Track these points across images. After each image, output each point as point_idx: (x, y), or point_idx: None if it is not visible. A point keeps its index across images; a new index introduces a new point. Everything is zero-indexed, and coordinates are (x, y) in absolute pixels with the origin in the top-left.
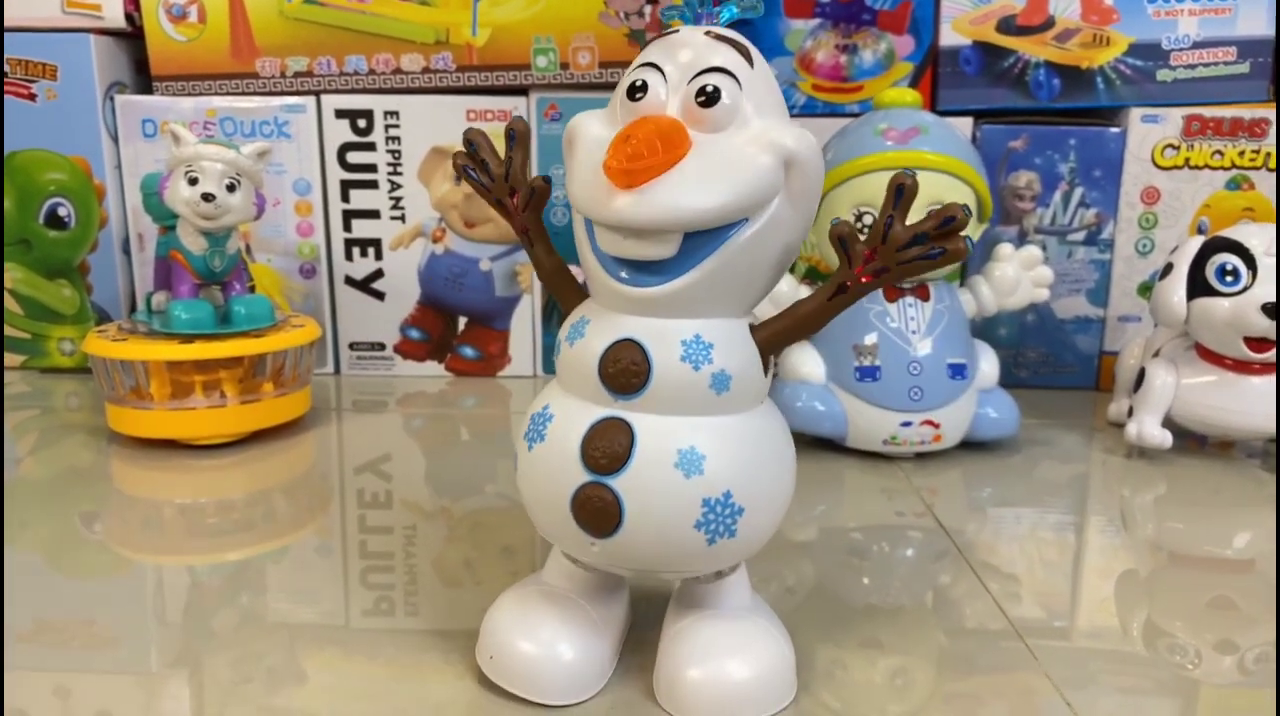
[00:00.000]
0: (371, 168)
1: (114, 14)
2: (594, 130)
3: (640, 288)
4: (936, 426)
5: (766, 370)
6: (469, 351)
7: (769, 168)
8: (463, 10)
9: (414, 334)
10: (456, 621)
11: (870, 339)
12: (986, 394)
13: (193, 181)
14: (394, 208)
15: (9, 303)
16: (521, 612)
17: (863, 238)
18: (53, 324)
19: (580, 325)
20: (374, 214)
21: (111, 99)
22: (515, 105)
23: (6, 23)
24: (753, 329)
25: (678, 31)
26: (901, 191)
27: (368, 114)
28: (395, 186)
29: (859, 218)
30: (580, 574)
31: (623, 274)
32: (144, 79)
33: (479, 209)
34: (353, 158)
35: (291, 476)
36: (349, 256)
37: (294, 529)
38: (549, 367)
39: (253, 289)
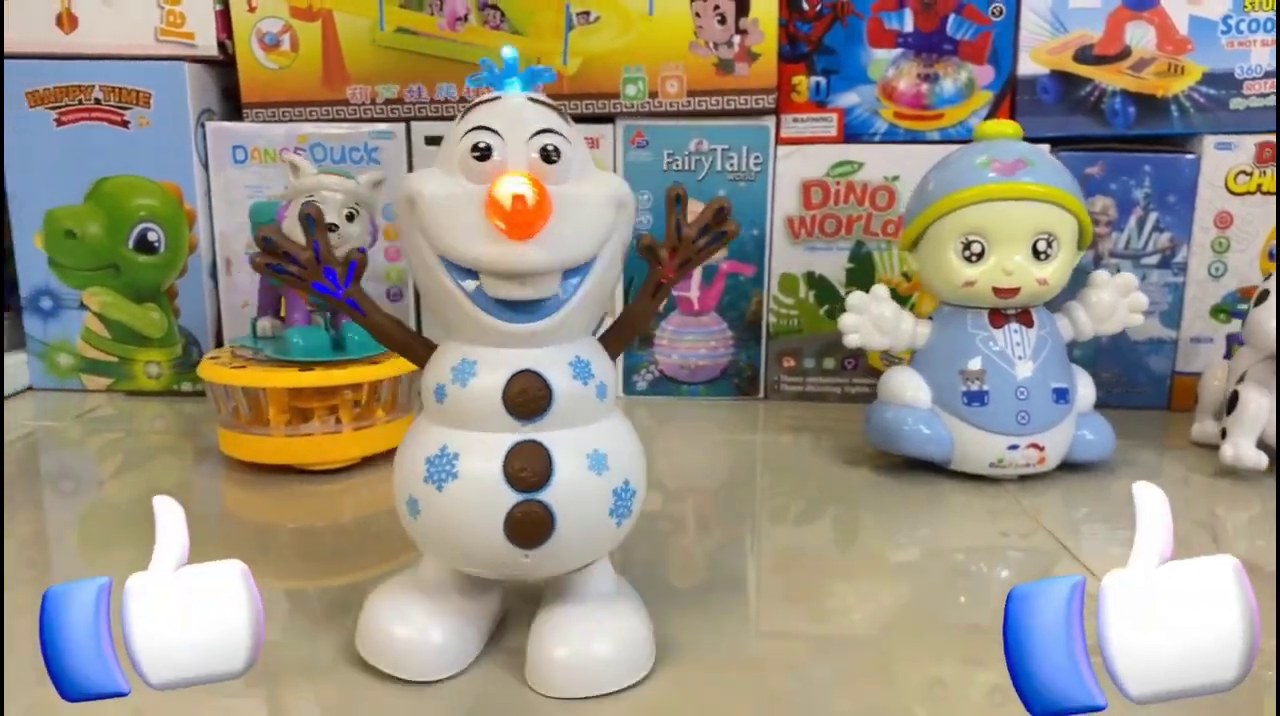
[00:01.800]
0: None
1: (207, 42)
2: (439, 188)
3: (527, 324)
4: (1041, 449)
5: None
6: None
7: (611, 209)
8: (555, 39)
9: None
10: None
11: (976, 364)
12: (1084, 417)
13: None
14: None
15: (96, 326)
16: (395, 601)
17: (966, 261)
18: (139, 347)
19: (467, 366)
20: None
21: (202, 125)
22: (601, 132)
23: (100, 50)
24: (602, 341)
25: (499, 98)
26: (679, 200)
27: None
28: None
29: (967, 246)
30: (450, 572)
31: (503, 313)
32: (230, 105)
33: None
34: None
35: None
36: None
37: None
38: (629, 388)
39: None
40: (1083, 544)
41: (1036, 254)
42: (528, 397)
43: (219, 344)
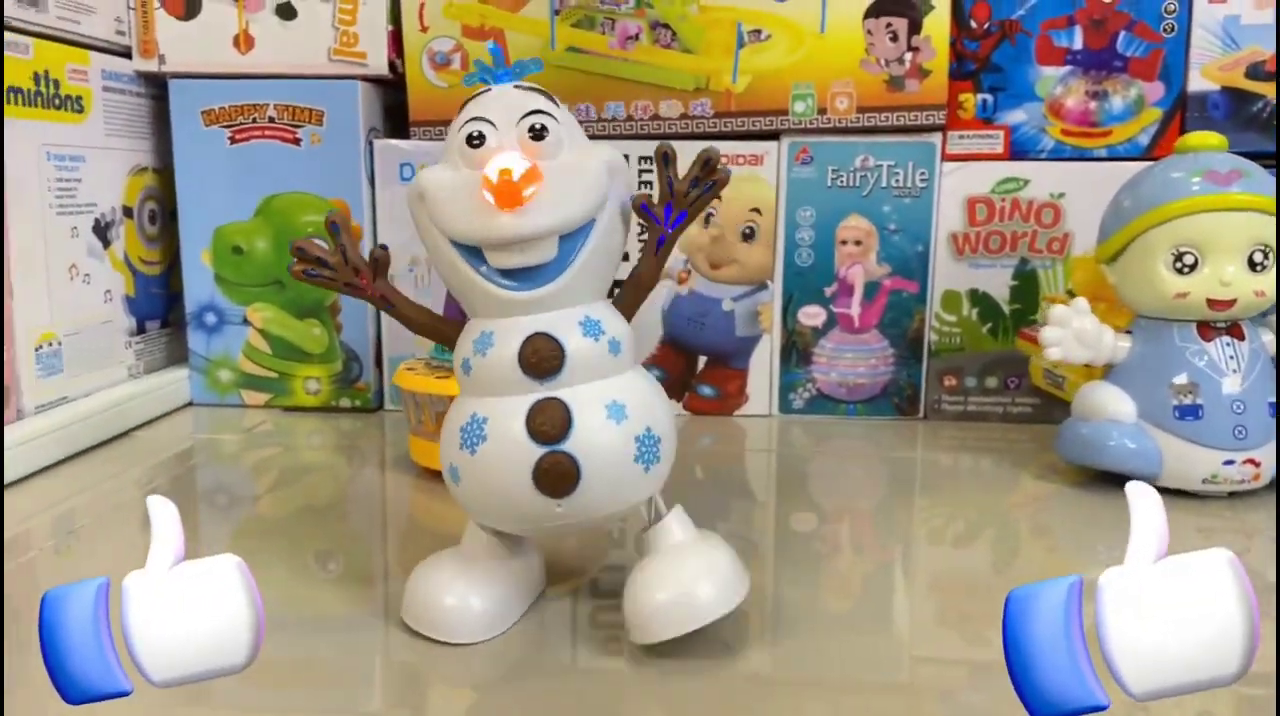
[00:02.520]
0: None
1: (378, 61)
2: (443, 178)
3: (532, 290)
4: (1258, 465)
5: None
6: (707, 390)
7: (602, 175)
8: (725, 58)
9: (654, 373)
10: None
11: (1186, 378)
12: None
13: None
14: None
15: (258, 341)
16: (440, 572)
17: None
18: (300, 363)
19: (485, 337)
20: (624, 257)
21: (370, 143)
22: (765, 149)
23: (275, 70)
24: (614, 303)
25: (490, 89)
26: (666, 158)
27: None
28: (643, 229)
29: (1179, 257)
30: (495, 543)
31: (511, 283)
32: (392, 123)
33: (724, 250)
34: None
35: None
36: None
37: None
38: (786, 406)
39: None
40: None
41: (1253, 265)
42: (540, 357)
43: (379, 360)
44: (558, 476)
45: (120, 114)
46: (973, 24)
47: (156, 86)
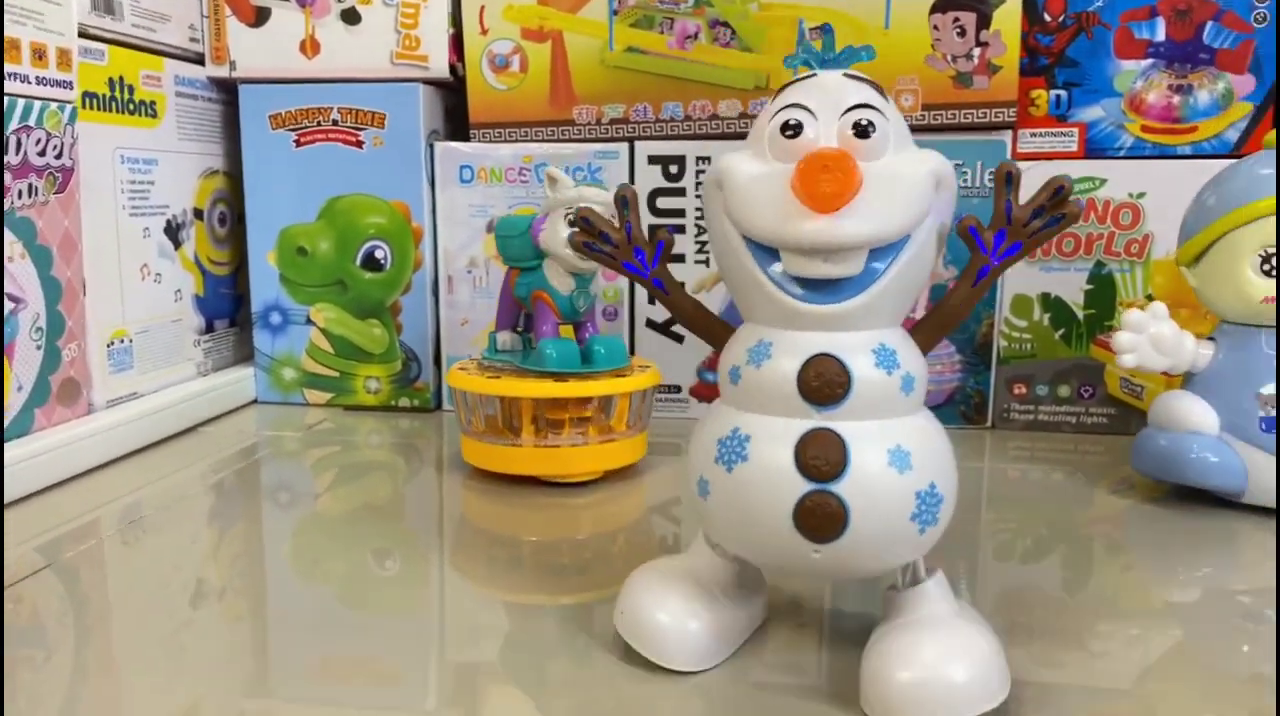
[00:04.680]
0: (680, 213)
1: (439, 64)
2: (748, 168)
3: (828, 304)
4: None
5: None
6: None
7: (928, 186)
8: (784, 56)
9: (710, 377)
10: None
11: (1273, 388)
12: None
13: (573, 223)
14: (699, 252)
15: (321, 341)
16: (657, 583)
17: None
18: (361, 363)
19: (762, 347)
20: (680, 258)
21: (431, 146)
22: None
23: (340, 74)
24: (913, 332)
25: (814, 75)
26: (1010, 178)
27: (680, 159)
28: (702, 231)
29: (1267, 258)
30: (721, 564)
31: (804, 294)
32: (452, 126)
33: None
34: (663, 203)
35: (633, 518)
36: (651, 300)
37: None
38: None
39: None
40: None
41: None
42: (824, 382)
43: (437, 360)
44: (822, 518)
45: (192, 118)
46: (1046, 17)
47: (227, 91)
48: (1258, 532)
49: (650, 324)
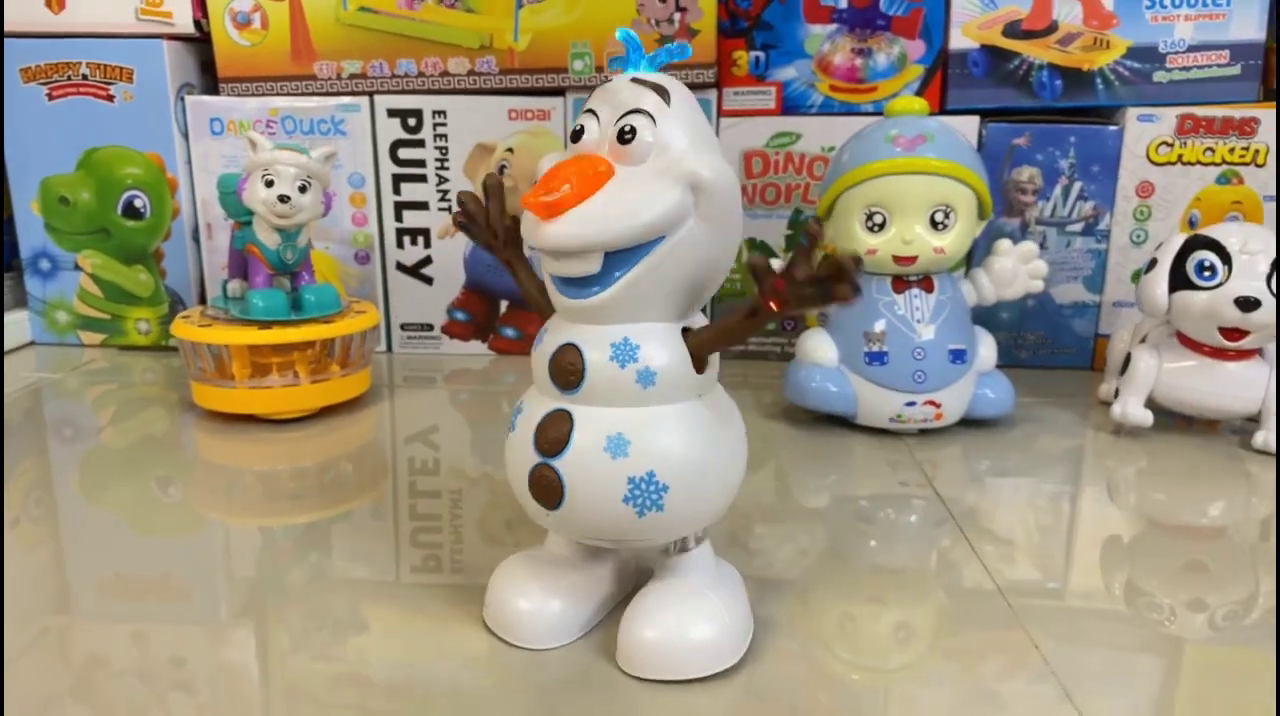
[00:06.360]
0: (420, 163)
1: (184, 20)
2: (541, 169)
3: (576, 299)
4: (938, 406)
5: (701, 368)
6: (510, 332)
7: (676, 194)
8: (506, 17)
9: (460, 316)
10: None
11: (879, 326)
12: (985, 376)
13: (269, 184)
14: (441, 200)
15: (90, 286)
16: (518, 573)
17: (869, 231)
18: (130, 306)
19: (542, 333)
20: (423, 205)
21: (182, 99)
22: (553, 105)
23: (86, 29)
24: (686, 332)
25: (611, 80)
26: (807, 238)
27: (417, 113)
28: (442, 180)
29: (870, 216)
30: (574, 543)
31: (563, 288)
32: (209, 80)
33: (517, 202)
34: (403, 154)
35: (355, 446)
36: (400, 244)
37: (357, 494)
38: None
39: None
40: (967, 493)
41: (934, 224)
42: (560, 368)
43: (202, 302)
44: (544, 488)
45: None
46: None
47: None
48: (867, 448)
49: (400, 267)
